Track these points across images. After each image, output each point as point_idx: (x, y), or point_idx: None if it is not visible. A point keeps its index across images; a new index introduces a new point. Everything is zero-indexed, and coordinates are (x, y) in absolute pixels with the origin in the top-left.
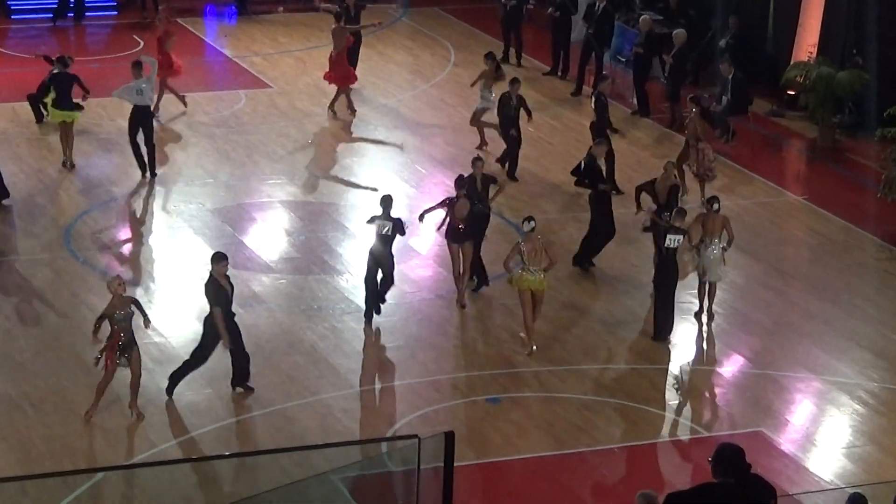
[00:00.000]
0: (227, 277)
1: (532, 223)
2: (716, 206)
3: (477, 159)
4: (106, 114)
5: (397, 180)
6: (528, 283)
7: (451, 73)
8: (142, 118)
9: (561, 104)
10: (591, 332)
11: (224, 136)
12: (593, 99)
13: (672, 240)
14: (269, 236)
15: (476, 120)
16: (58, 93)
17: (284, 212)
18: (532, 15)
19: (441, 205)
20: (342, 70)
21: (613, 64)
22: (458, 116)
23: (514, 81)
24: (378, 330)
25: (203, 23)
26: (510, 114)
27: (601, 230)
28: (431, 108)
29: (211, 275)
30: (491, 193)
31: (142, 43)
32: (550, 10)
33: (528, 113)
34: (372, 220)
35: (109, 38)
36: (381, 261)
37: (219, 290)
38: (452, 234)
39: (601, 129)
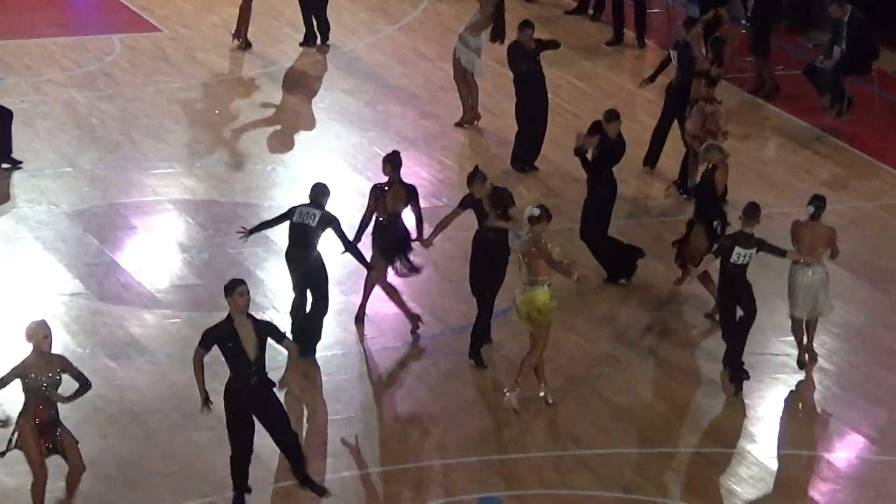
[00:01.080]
0: (252, 315)
1: (537, 210)
2: (812, 209)
3: (475, 176)
4: None
5: (347, 169)
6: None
7: (427, 10)
8: None
9: (591, 57)
10: (630, 394)
11: (89, 103)
12: (675, 52)
13: (742, 255)
14: (154, 253)
15: (459, 75)
16: None
17: (178, 216)
18: None
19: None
20: None
21: (671, 0)
22: (437, 74)
23: (525, 25)
24: (319, 392)
25: None
26: (532, 74)
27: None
28: (399, 62)
29: (229, 316)
30: (505, 220)
31: None
32: None
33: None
34: (291, 213)
35: None
36: (310, 273)
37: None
38: (380, 243)
39: (683, 95)
